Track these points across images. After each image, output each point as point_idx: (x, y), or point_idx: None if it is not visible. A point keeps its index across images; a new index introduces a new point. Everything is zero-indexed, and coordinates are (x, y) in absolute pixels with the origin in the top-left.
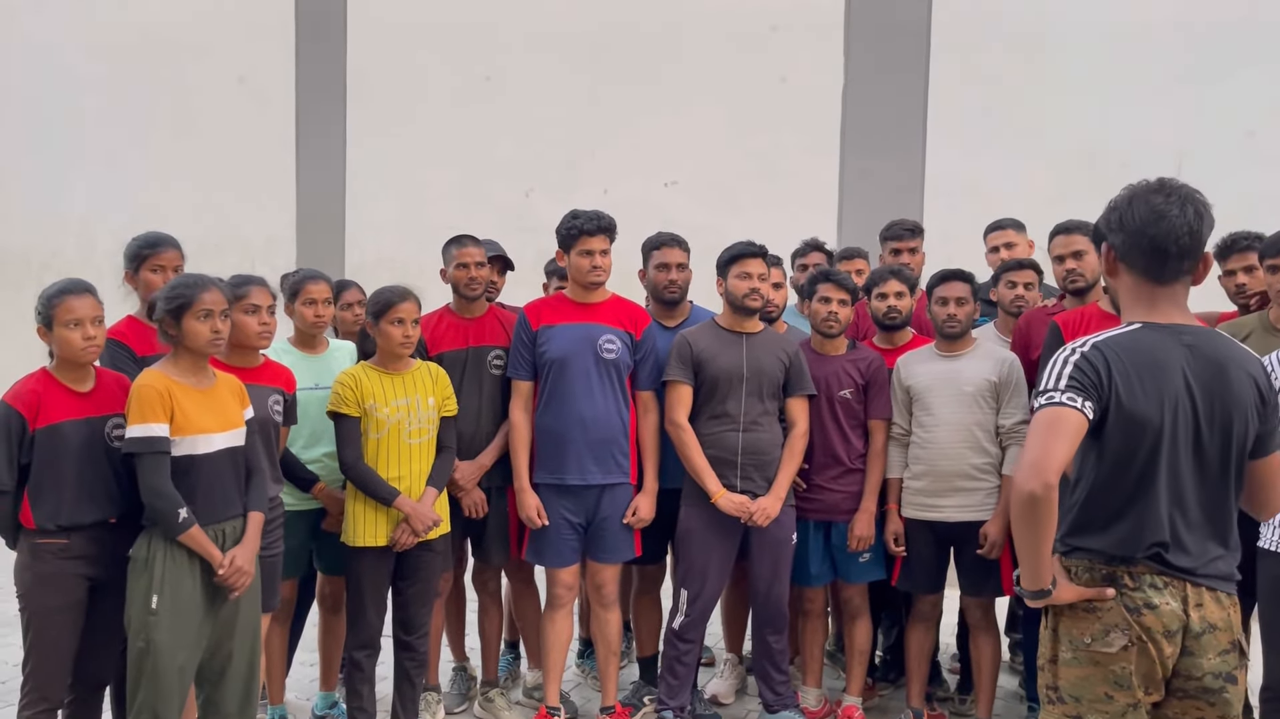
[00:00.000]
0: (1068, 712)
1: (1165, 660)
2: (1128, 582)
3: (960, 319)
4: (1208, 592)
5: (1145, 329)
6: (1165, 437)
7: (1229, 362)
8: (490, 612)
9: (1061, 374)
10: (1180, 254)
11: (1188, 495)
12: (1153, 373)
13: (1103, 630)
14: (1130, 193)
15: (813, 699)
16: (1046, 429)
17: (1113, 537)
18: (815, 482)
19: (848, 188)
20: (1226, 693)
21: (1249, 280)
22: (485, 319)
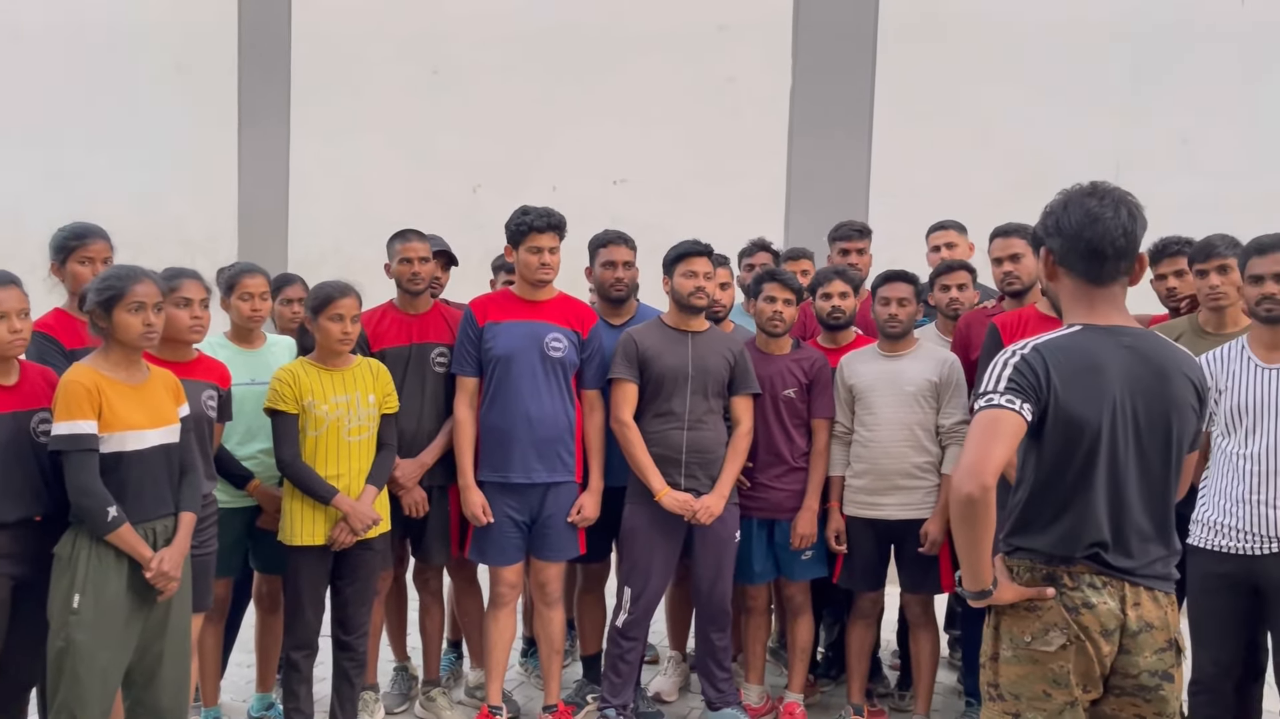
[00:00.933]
0: (1007, 709)
1: (1103, 659)
2: (1067, 581)
3: (902, 319)
4: (1145, 591)
5: (1085, 331)
6: (1104, 438)
7: (1169, 364)
8: (432, 610)
9: (1001, 376)
10: (1116, 255)
11: (1129, 496)
12: (1092, 375)
13: (1042, 629)
14: (1065, 197)
15: (755, 696)
16: (984, 431)
17: (1052, 536)
18: (759, 480)
19: (795, 188)
20: (1163, 690)
21: (1179, 284)
22: (429, 315)
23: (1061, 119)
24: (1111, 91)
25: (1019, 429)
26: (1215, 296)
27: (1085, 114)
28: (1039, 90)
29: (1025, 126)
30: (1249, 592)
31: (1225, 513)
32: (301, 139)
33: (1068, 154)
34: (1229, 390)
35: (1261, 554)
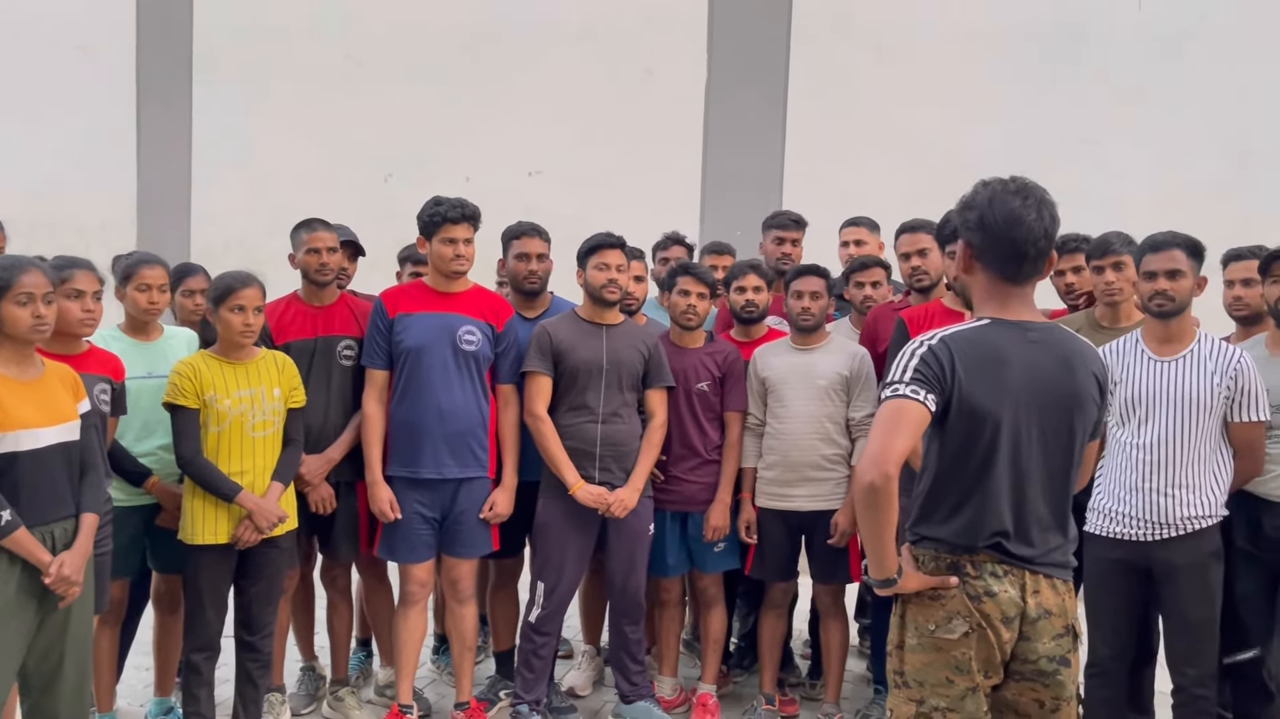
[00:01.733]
0: (912, 695)
1: (1003, 645)
2: (970, 570)
3: (814, 313)
4: (1044, 579)
5: (993, 325)
6: (1005, 429)
7: (1074, 357)
8: (340, 609)
9: (907, 367)
10: (1036, 256)
11: (1030, 486)
12: (996, 367)
13: (946, 618)
14: (990, 193)
15: (668, 688)
16: (888, 421)
17: (956, 526)
18: (673, 473)
19: (710, 183)
20: (1060, 675)
21: (1077, 280)
22: (335, 307)
23: (969, 118)
24: (1017, 92)
25: (923, 419)
26: (1111, 292)
27: (992, 113)
28: (948, 89)
29: (934, 125)
30: (1141, 576)
31: (1119, 501)
32: (205, 124)
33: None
34: (1123, 382)
35: (1153, 540)
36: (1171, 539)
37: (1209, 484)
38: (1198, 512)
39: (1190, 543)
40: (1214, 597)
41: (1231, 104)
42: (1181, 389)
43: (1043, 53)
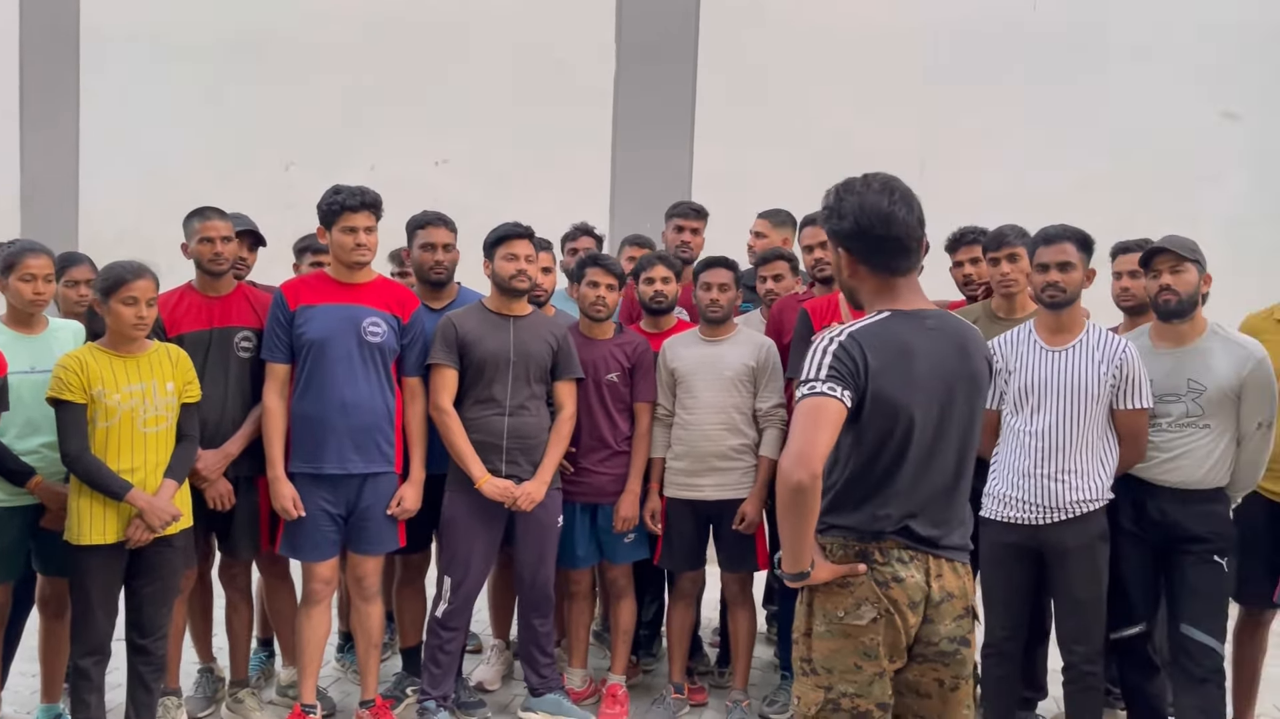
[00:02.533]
0: (820, 683)
1: (909, 629)
2: (878, 557)
3: (722, 305)
4: (946, 563)
5: (894, 317)
6: (917, 419)
7: (968, 343)
8: (239, 608)
9: (821, 364)
10: (915, 248)
11: (936, 473)
12: (904, 359)
13: (854, 604)
14: (858, 199)
15: (578, 680)
16: (810, 419)
17: (865, 514)
18: (582, 465)
19: (620, 174)
20: (960, 655)
21: (975, 271)
22: (232, 298)
23: (873, 114)
24: (919, 90)
25: (841, 415)
26: (1006, 283)
27: (895, 109)
28: (854, 84)
29: (839, 120)
30: (1034, 560)
31: (1012, 486)
32: (93, 108)
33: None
34: (1017, 371)
35: (1045, 524)
36: (1061, 523)
37: (1096, 469)
38: (1086, 495)
39: (1079, 526)
40: (1101, 577)
41: (1120, 102)
42: (1071, 378)
43: (944, 50)
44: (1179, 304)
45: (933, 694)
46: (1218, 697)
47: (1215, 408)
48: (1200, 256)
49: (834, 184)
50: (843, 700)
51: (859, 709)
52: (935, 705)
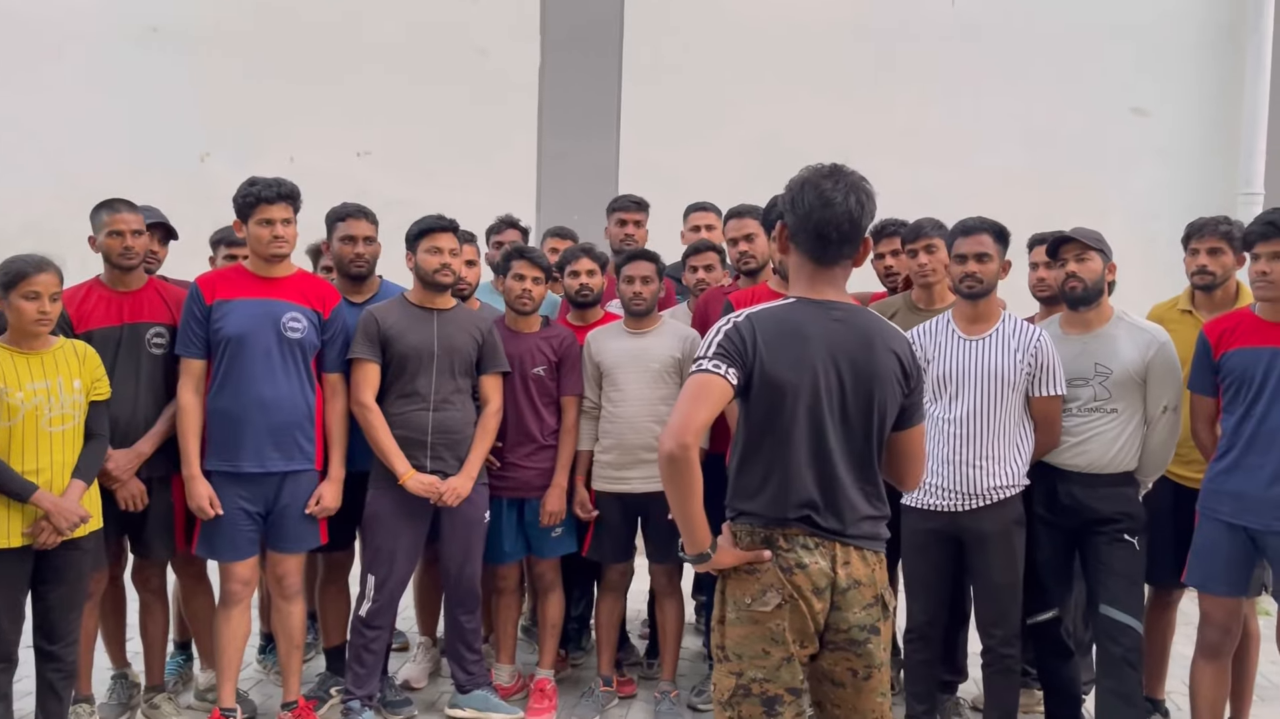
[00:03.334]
0: (732, 668)
1: (816, 616)
2: (782, 543)
3: (645, 298)
4: (855, 551)
5: (799, 303)
6: (804, 401)
7: (875, 336)
8: (154, 611)
9: (712, 343)
10: (840, 240)
11: (835, 460)
12: (796, 342)
13: (760, 591)
14: (806, 175)
15: (506, 675)
16: (690, 395)
17: (765, 499)
18: (509, 459)
19: (546, 166)
20: (870, 644)
21: (895, 263)
22: (144, 293)
23: (798, 107)
24: (843, 84)
25: (724, 392)
26: (924, 274)
27: (820, 104)
28: (778, 79)
29: (764, 113)
30: (953, 545)
31: (932, 473)
32: None
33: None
34: (935, 360)
35: (963, 510)
36: (980, 509)
37: (1013, 456)
38: (1003, 482)
39: (996, 512)
40: (1017, 562)
41: (1036, 99)
42: (988, 366)
43: (866, 45)
44: (1084, 291)
45: (846, 683)
46: (1134, 679)
47: (1121, 391)
48: (1105, 246)
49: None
50: (753, 685)
51: (768, 694)
52: (849, 695)
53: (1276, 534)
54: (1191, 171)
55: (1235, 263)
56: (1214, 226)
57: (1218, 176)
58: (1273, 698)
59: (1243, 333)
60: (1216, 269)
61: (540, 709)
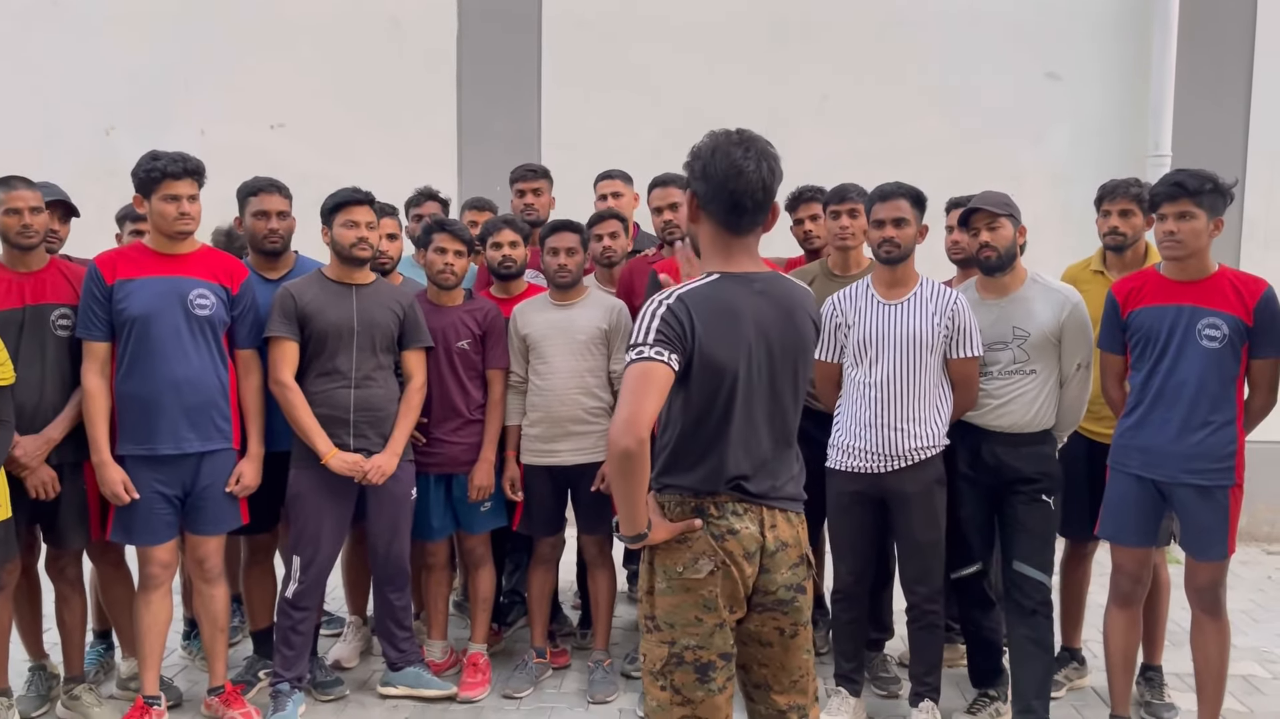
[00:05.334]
0: (663, 638)
1: (746, 580)
2: (713, 511)
3: (570, 269)
4: (780, 513)
5: (722, 280)
6: (741, 379)
7: (795, 305)
8: (71, 601)
9: (650, 328)
10: (755, 209)
11: (761, 428)
12: (729, 321)
13: (692, 559)
14: (714, 143)
15: (438, 651)
16: (637, 385)
17: (700, 473)
18: (435, 435)
19: (467, 137)
20: (797, 602)
21: (814, 228)
22: (46, 273)
23: (718, 75)
24: (762, 51)
25: (668, 380)
26: (843, 237)
27: (738, 71)
28: (699, 48)
29: (685, 81)
30: (877, 506)
31: (855, 436)
32: None
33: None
34: (855, 325)
35: (886, 472)
36: (902, 470)
37: (933, 417)
38: (923, 443)
39: (918, 472)
40: (939, 520)
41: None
42: (907, 330)
43: (785, 13)
44: (998, 259)
45: (774, 642)
46: (1046, 626)
47: (1038, 352)
48: (1014, 210)
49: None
50: (686, 653)
51: (702, 660)
52: (777, 653)
53: (1183, 486)
54: (1103, 135)
55: (1145, 224)
56: (1125, 189)
57: (1128, 140)
58: (1182, 642)
59: (1149, 292)
60: (1127, 230)
61: (474, 684)
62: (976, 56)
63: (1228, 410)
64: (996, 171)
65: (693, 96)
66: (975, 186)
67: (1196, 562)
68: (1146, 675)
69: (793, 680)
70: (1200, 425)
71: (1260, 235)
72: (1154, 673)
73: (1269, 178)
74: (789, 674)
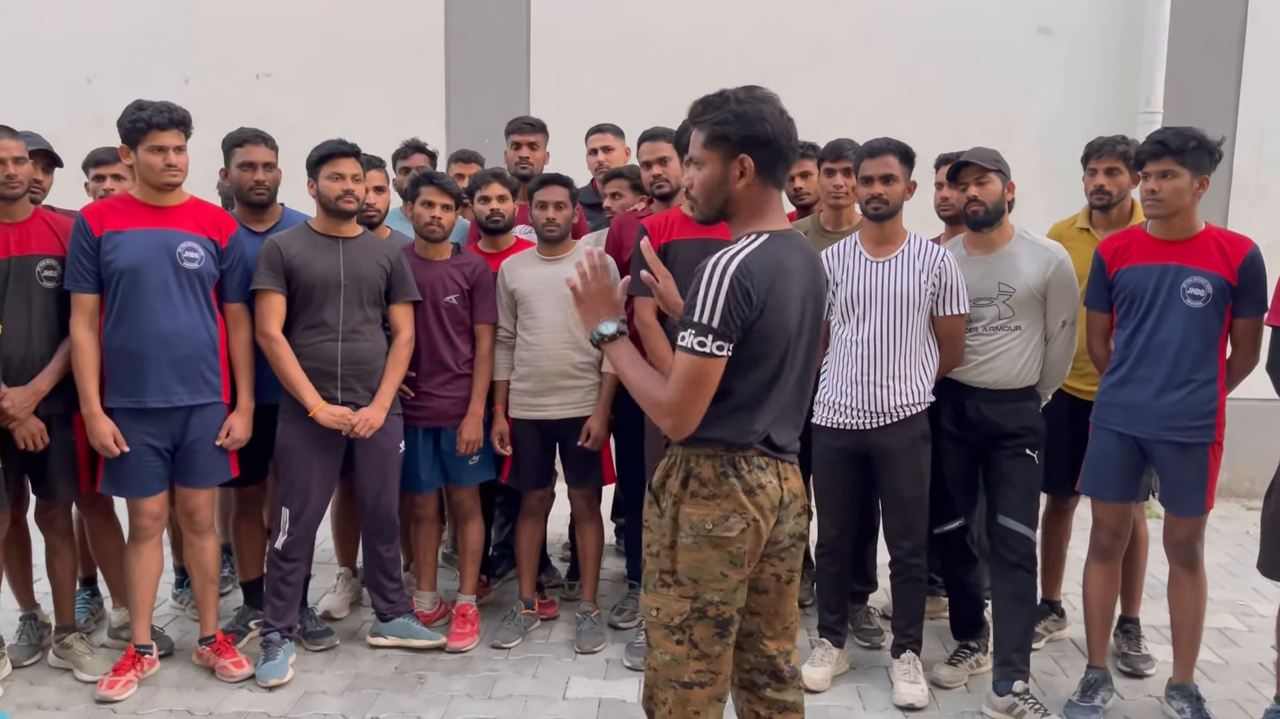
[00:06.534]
0: (685, 593)
1: (766, 534)
2: (744, 466)
3: (559, 223)
4: (789, 466)
5: (772, 239)
6: (791, 341)
7: (817, 258)
8: (61, 551)
9: (716, 306)
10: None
11: (792, 386)
12: (786, 284)
13: (722, 517)
14: (763, 106)
15: (427, 602)
16: (693, 383)
17: (735, 428)
18: (423, 389)
19: (454, 88)
20: (795, 549)
21: (805, 185)
22: (30, 224)
23: (708, 26)
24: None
25: (722, 368)
26: (837, 195)
27: (728, 21)
28: None
29: (675, 33)
30: (862, 462)
31: (841, 393)
32: None
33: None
34: (844, 283)
35: (871, 428)
36: (887, 426)
37: (919, 374)
38: (909, 400)
39: (903, 429)
40: (924, 476)
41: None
42: (894, 287)
43: None
44: (986, 214)
45: (770, 589)
46: (1029, 580)
47: (1024, 309)
48: (1004, 166)
49: (707, 94)
50: (709, 608)
51: (723, 616)
52: (772, 600)
53: (1163, 443)
54: (1095, 91)
55: (1131, 182)
56: (1111, 147)
57: (1119, 96)
58: (1159, 595)
59: (1135, 251)
60: (1113, 189)
61: (463, 634)
62: (970, 8)
63: (1209, 369)
64: (988, 126)
65: (682, 48)
66: (966, 142)
67: (1175, 517)
68: (1124, 627)
69: (784, 627)
70: (1182, 384)
71: (1250, 192)
72: (1131, 625)
73: (1259, 134)
74: (781, 620)
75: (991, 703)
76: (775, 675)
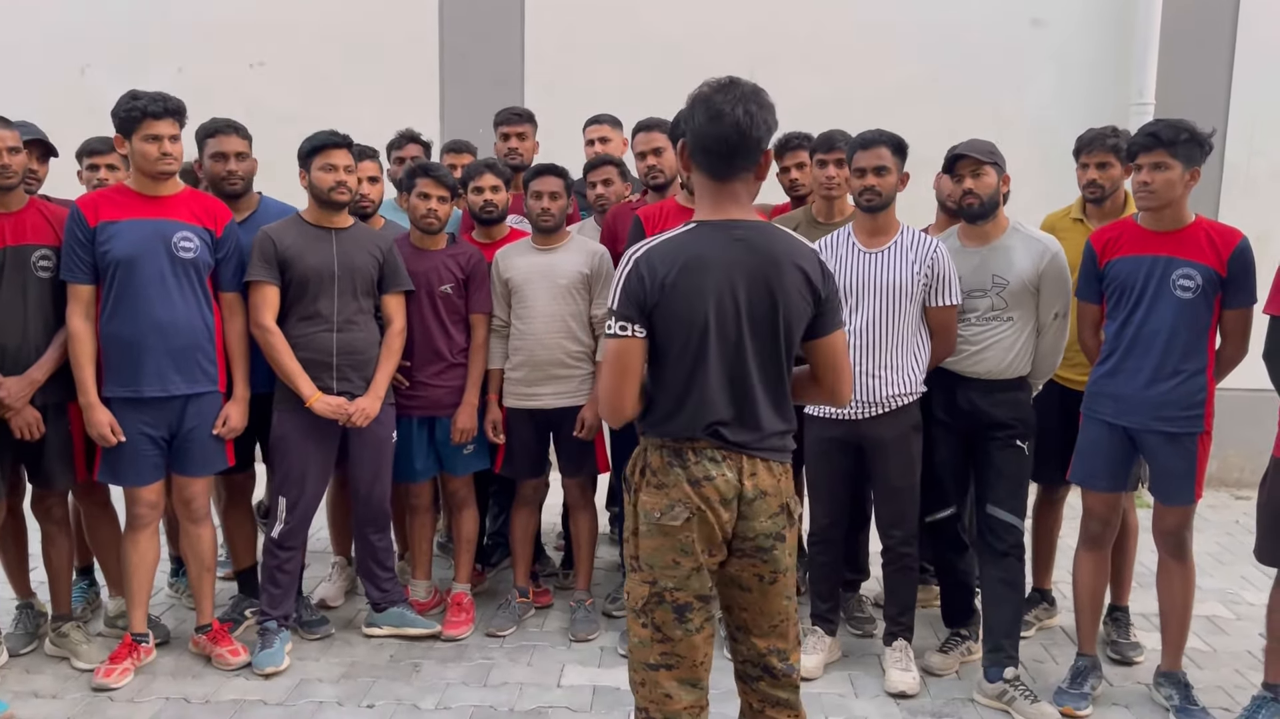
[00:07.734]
0: (645, 578)
1: (724, 525)
2: (691, 457)
3: (554, 213)
4: (761, 462)
5: (699, 228)
6: (713, 328)
7: (780, 254)
8: (57, 540)
9: (617, 293)
10: (730, 153)
11: (748, 377)
12: (698, 270)
13: (669, 505)
14: (702, 90)
15: (422, 591)
16: (614, 369)
17: (679, 420)
18: (418, 378)
19: (449, 79)
20: (776, 550)
21: (800, 176)
22: (25, 214)
23: (703, 17)
24: None
25: (640, 350)
26: (830, 186)
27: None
28: None
29: (671, 23)
30: (854, 451)
31: None
32: None
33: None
34: (836, 273)
35: (863, 419)
36: (879, 416)
37: (910, 364)
38: (901, 390)
39: (894, 419)
40: (915, 465)
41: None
42: (886, 278)
43: None
44: (981, 206)
45: (753, 588)
46: (1018, 568)
47: (1017, 300)
48: (999, 159)
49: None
50: (665, 594)
51: (679, 601)
52: (755, 598)
53: (1153, 433)
54: (1087, 82)
55: (1123, 174)
56: (1102, 140)
57: (1112, 87)
58: (1149, 584)
59: (1126, 242)
60: (1105, 182)
61: (458, 623)
62: (961, 2)
63: (1199, 359)
64: (981, 118)
65: (678, 39)
66: (958, 134)
67: (1164, 506)
68: (1113, 615)
69: (772, 625)
70: (1171, 374)
71: (1241, 183)
72: (1121, 613)
73: (1250, 126)
74: (768, 619)
75: (982, 689)
76: (767, 671)
